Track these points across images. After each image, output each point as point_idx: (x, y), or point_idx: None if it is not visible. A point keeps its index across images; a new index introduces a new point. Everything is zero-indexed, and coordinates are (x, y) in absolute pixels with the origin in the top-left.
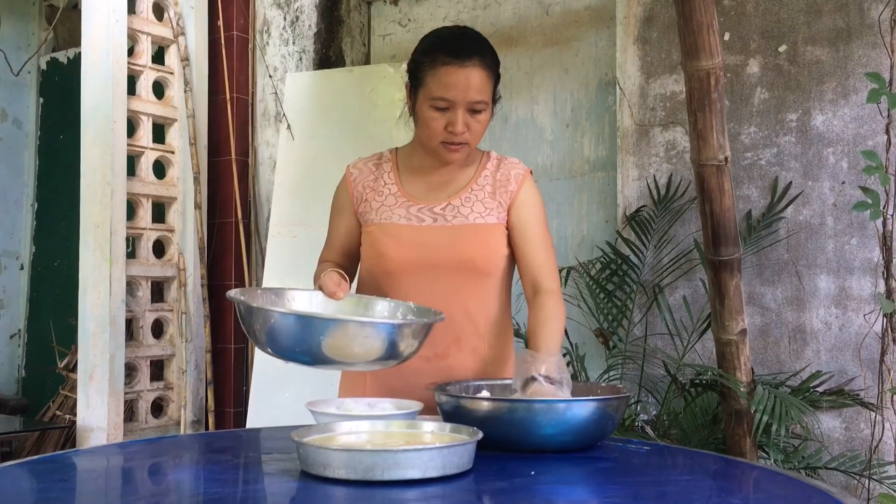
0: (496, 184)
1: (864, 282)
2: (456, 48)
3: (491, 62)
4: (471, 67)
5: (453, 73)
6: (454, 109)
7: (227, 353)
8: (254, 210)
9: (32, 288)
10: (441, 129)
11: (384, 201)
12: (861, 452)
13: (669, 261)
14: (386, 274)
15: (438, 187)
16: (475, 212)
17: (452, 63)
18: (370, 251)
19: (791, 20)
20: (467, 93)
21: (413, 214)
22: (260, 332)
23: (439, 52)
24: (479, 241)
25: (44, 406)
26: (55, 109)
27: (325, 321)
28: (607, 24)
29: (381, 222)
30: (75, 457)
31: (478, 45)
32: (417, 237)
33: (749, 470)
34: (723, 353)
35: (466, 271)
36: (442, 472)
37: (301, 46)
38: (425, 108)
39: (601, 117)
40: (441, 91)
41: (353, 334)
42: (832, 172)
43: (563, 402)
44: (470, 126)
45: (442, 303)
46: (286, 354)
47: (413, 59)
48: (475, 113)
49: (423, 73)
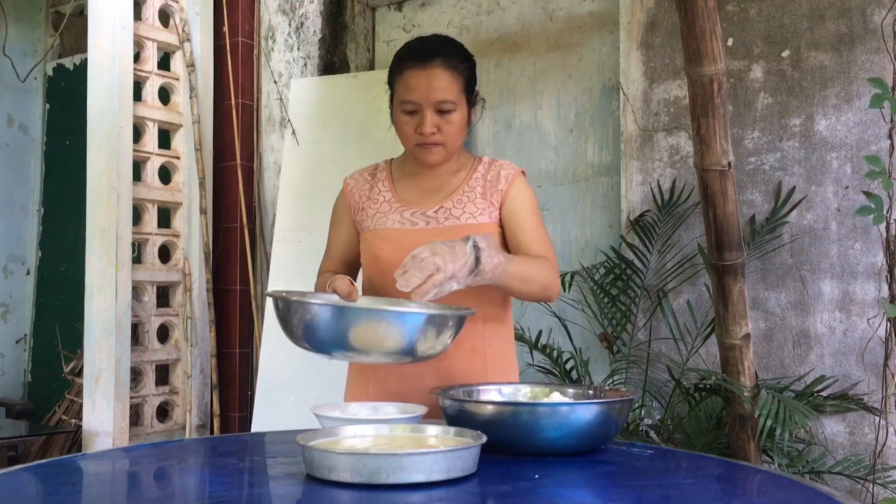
0: (486, 184)
1: (867, 286)
2: (418, 52)
3: (457, 62)
4: (432, 68)
5: (416, 75)
6: (421, 111)
7: (233, 357)
8: (259, 215)
9: (38, 293)
10: (413, 132)
11: (379, 208)
12: (865, 457)
13: (673, 265)
14: (381, 276)
15: (431, 192)
16: (467, 212)
17: (415, 66)
18: (367, 256)
19: (794, 25)
20: (430, 93)
21: (406, 219)
22: (298, 326)
23: (405, 58)
24: None
25: (50, 410)
26: (61, 115)
27: (363, 311)
28: (611, 29)
29: (376, 228)
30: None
31: (440, 47)
32: (410, 240)
33: (753, 474)
34: (727, 358)
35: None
36: (446, 475)
37: (306, 52)
38: (398, 113)
39: (605, 122)
40: (406, 94)
41: (393, 324)
42: (835, 177)
43: (566, 405)
44: (441, 127)
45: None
46: (325, 348)
47: (389, 70)
48: (444, 113)
49: (394, 80)
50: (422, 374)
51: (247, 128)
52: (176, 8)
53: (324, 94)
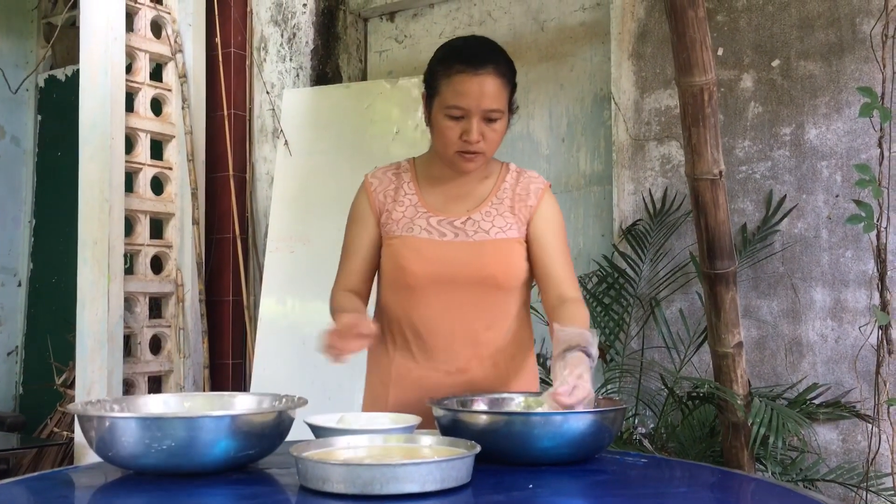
0: (515, 197)
1: (859, 294)
2: (470, 56)
3: (506, 70)
4: (484, 75)
5: (467, 80)
6: (469, 118)
7: (226, 368)
8: (251, 226)
9: (30, 304)
10: (456, 138)
11: (405, 212)
12: (858, 464)
13: (666, 274)
14: (406, 288)
15: (457, 199)
16: (496, 226)
17: (466, 71)
18: (391, 264)
19: (784, 35)
20: (481, 101)
21: (434, 227)
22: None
23: (454, 60)
24: (501, 257)
25: (41, 423)
26: (53, 126)
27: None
28: (602, 39)
29: (402, 235)
30: (73, 473)
31: (492, 53)
32: (439, 252)
33: (747, 482)
34: (719, 366)
35: (487, 286)
36: (440, 485)
37: (298, 63)
38: (440, 117)
39: (596, 132)
40: (455, 99)
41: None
42: (826, 186)
43: (560, 414)
44: (485, 135)
45: (463, 316)
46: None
47: (429, 68)
48: (490, 122)
49: (438, 81)
50: (442, 386)
51: (239, 138)
52: (168, 19)
53: (316, 105)
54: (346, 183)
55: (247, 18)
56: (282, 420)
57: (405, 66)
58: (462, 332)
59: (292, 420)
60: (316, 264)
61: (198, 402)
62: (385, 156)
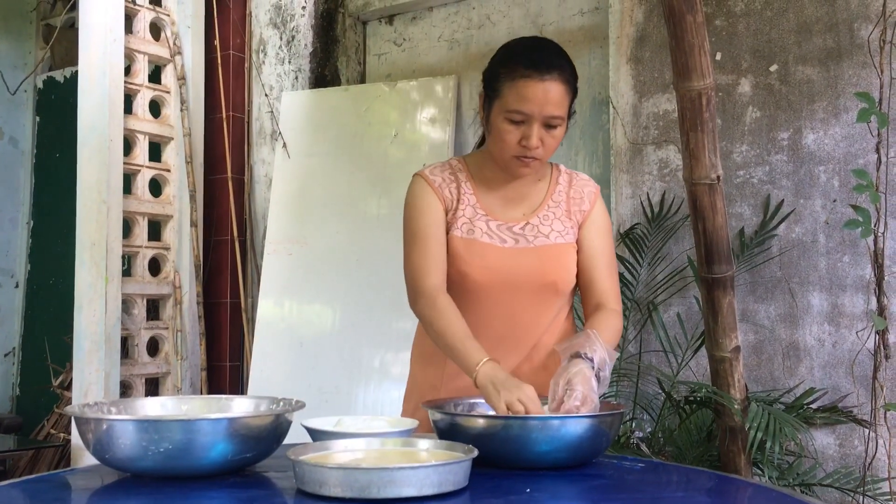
0: (570, 202)
1: (856, 299)
2: (536, 60)
3: (570, 76)
4: (550, 81)
5: (532, 86)
6: (530, 123)
7: (223, 370)
8: (249, 228)
9: (27, 306)
10: (515, 142)
11: (465, 212)
12: (855, 469)
13: (663, 278)
14: (466, 292)
15: (514, 202)
16: (555, 231)
17: (532, 76)
18: (452, 267)
19: (782, 40)
20: (544, 107)
21: (494, 232)
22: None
23: (519, 63)
24: (561, 262)
25: (38, 424)
26: (51, 128)
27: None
28: (600, 43)
29: (464, 237)
30: (70, 476)
31: (558, 59)
32: (501, 259)
33: (744, 487)
34: (717, 371)
35: (547, 291)
36: (438, 489)
37: (297, 65)
38: (500, 120)
39: (595, 136)
40: (518, 104)
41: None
42: (823, 190)
43: (557, 418)
44: (544, 141)
45: (519, 321)
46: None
47: (490, 68)
48: (550, 128)
49: (501, 84)
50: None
51: (238, 140)
52: (167, 21)
53: (315, 107)
54: (343, 185)
55: (246, 21)
56: (279, 423)
57: (404, 69)
58: (517, 334)
59: (290, 423)
60: (314, 266)
61: (195, 405)
62: (383, 159)
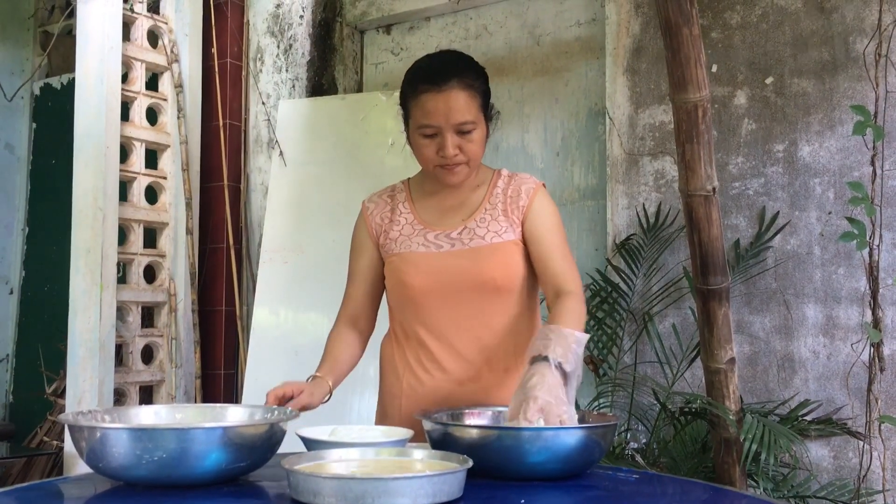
0: (507, 200)
1: (851, 311)
2: (432, 74)
3: (472, 80)
4: (448, 91)
5: (432, 98)
6: (442, 134)
7: (217, 378)
8: (245, 236)
9: (22, 312)
10: (434, 154)
11: (402, 231)
12: (849, 481)
13: (659, 289)
14: (410, 301)
15: (452, 210)
16: (491, 231)
17: (430, 89)
18: (393, 281)
19: (777, 53)
20: (450, 116)
21: (431, 241)
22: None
23: (418, 80)
24: (497, 260)
25: (31, 432)
26: (48, 134)
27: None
28: (597, 54)
29: (401, 252)
30: (63, 484)
31: (454, 67)
32: (436, 263)
33: (738, 499)
34: (712, 382)
35: (488, 291)
36: (432, 500)
37: (294, 74)
38: (416, 136)
39: (591, 146)
40: (424, 118)
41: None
42: (819, 203)
43: (551, 429)
44: (462, 147)
45: (468, 324)
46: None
47: (400, 91)
48: (465, 133)
49: (409, 103)
50: (454, 396)
51: (234, 148)
52: (165, 29)
53: (312, 116)
54: (340, 194)
55: (243, 29)
56: (273, 432)
57: (401, 78)
58: (468, 340)
59: (284, 432)
60: (309, 275)
61: (189, 414)
62: (380, 167)
